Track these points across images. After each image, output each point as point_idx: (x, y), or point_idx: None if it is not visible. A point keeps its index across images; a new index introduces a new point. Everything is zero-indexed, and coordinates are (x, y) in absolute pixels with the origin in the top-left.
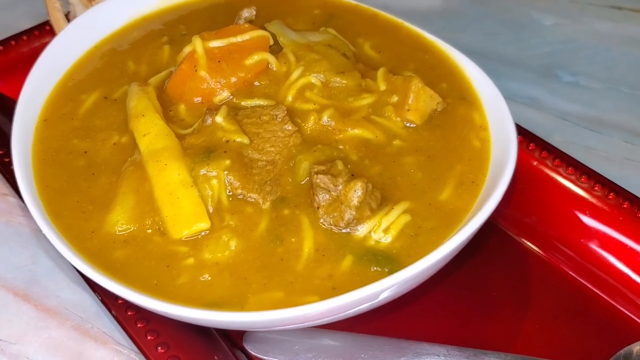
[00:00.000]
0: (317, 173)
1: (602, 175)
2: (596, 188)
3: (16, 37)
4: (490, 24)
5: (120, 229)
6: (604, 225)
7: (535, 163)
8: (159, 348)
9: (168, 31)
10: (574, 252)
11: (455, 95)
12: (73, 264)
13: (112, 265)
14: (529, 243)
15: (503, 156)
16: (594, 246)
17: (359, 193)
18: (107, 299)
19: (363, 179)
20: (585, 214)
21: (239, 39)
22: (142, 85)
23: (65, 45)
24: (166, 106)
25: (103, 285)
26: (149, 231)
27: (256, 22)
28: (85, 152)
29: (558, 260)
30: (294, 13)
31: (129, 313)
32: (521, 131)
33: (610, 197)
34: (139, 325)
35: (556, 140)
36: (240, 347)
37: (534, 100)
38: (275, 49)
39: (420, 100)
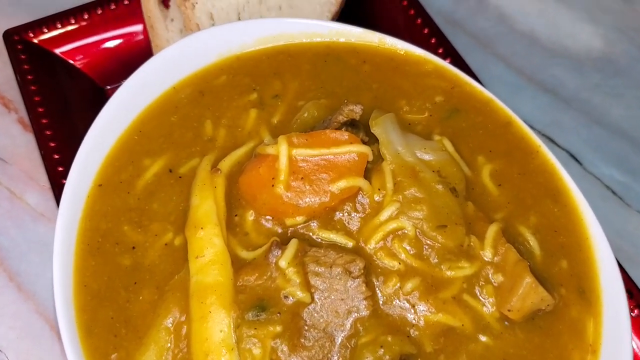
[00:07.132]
0: None
1: None
2: None
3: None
4: None
5: None
6: None
7: None
8: None
9: (259, 84)
10: None
11: (573, 286)
12: None
13: None
14: None
15: None
16: None
17: None
18: None
19: None
20: None
21: (332, 153)
22: (213, 169)
23: (141, 84)
24: (234, 207)
25: None
26: None
27: (364, 106)
28: (134, 247)
29: None
30: (411, 95)
31: None
32: None
33: None
34: None
35: None
36: None
37: None
38: (374, 152)
39: (528, 300)
